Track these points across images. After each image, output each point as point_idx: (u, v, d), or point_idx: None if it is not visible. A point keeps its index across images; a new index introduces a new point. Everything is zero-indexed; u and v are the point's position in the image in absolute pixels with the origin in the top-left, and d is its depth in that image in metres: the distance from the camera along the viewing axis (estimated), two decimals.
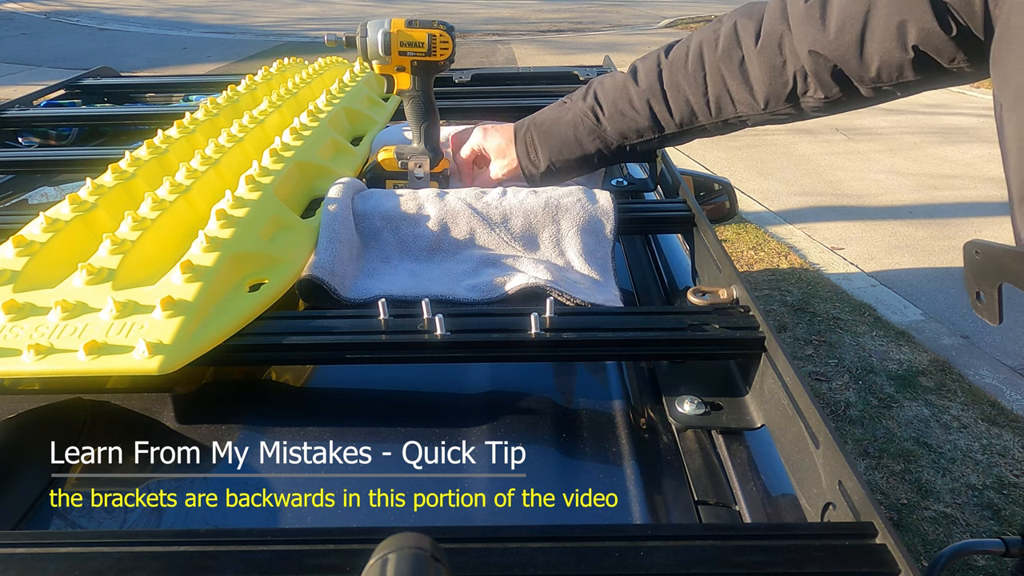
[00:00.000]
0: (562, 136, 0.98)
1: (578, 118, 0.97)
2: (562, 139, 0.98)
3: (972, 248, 0.63)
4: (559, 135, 0.99)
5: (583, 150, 0.98)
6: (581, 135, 0.98)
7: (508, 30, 10.21)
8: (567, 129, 0.98)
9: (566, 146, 0.99)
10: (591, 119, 0.97)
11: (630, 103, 0.94)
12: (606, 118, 0.96)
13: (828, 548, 0.47)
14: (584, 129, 0.97)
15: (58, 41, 9.52)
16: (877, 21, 0.77)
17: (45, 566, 0.45)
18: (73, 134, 1.62)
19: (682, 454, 0.68)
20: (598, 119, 0.96)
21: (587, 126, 0.97)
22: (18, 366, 0.61)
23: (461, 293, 0.83)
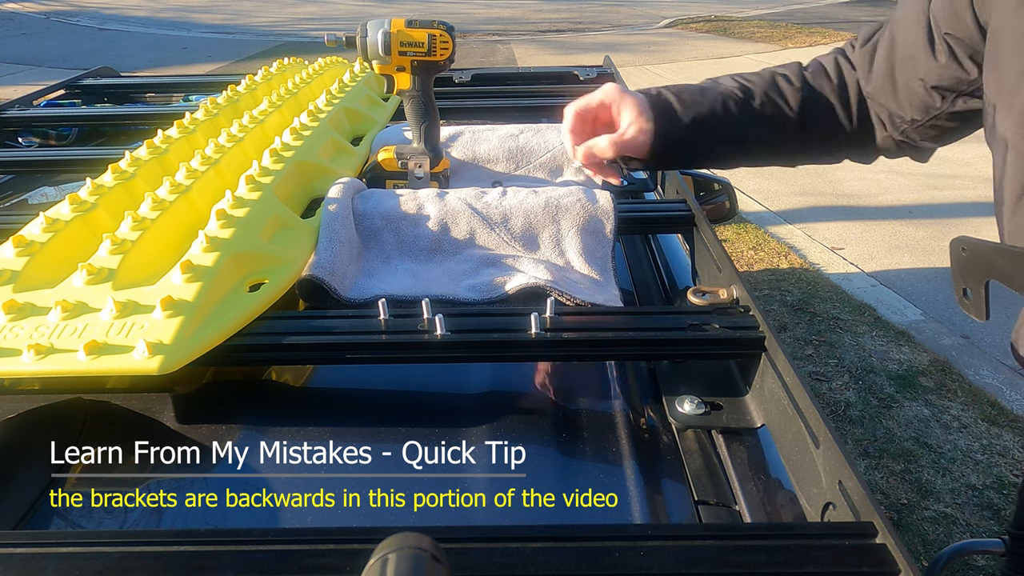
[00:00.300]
0: (708, 106, 0.85)
1: (726, 95, 0.86)
2: (708, 109, 0.85)
3: (959, 245, 0.64)
4: (704, 104, 0.85)
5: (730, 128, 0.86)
6: (730, 110, 0.85)
7: (508, 30, 10.21)
8: (713, 101, 0.85)
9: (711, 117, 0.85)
10: (739, 97, 0.86)
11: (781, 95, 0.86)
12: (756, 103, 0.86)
13: (828, 548, 0.47)
14: (733, 105, 0.86)
15: (58, 41, 9.52)
16: (900, 65, 0.78)
17: (45, 566, 0.45)
18: (73, 134, 1.62)
19: (682, 454, 0.68)
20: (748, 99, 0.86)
21: (737, 102, 0.86)
22: (18, 366, 0.61)
23: (461, 293, 0.83)
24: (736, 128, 0.85)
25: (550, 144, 1.18)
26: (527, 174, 1.18)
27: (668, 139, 0.85)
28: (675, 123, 0.84)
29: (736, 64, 8.06)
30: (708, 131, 0.85)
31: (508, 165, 1.18)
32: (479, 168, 1.18)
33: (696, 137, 0.85)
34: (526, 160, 1.18)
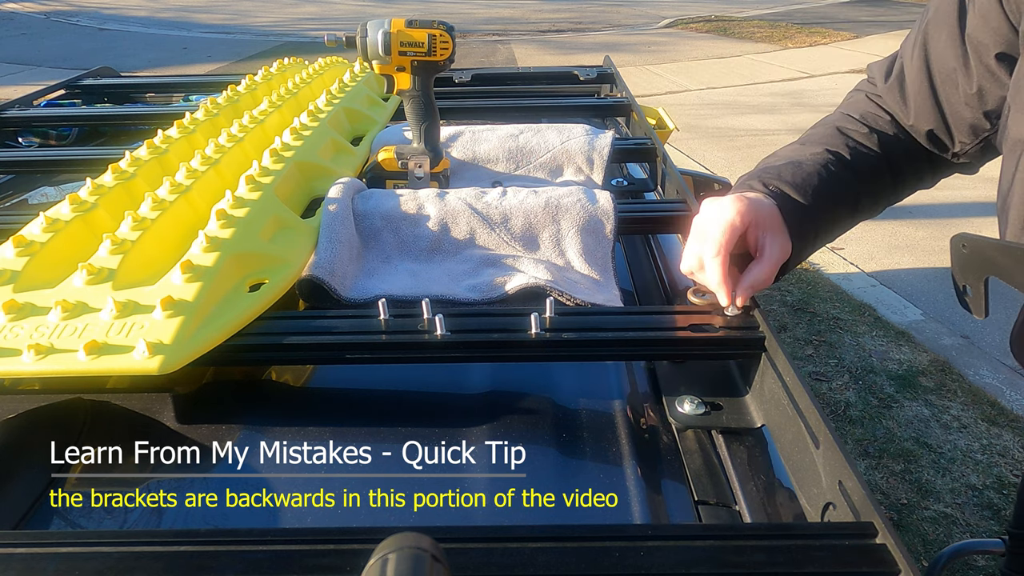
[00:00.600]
0: (819, 177, 0.78)
1: (824, 159, 0.80)
2: (819, 179, 0.78)
3: (959, 241, 0.63)
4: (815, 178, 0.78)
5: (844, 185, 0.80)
6: (835, 172, 0.79)
7: (508, 30, 10.21)
8: (819, 171, 0.79)
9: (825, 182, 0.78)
10: (834, 157, 0.81)
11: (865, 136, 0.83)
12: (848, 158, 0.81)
13: (828, 548, 0.47)
14: (834, 168, 0.80)
15: (58, 41, 9.52)
16: (943, 93, 0.75)
17: (45, 566, 0.45)
18: (73, 134, 1.62)
19: (682, 454, 0.68)
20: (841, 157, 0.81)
21: (836, 164, 0.80)
22: (18, 366, 0.61)
23: (461, 293, 0.83)
24: (848, 195, 0.79)
25: (550, 144, 1.18)
26: (527, 174, 1.18)
27: (802, 238, 0.76)
28: (804, 218, 0.75)
29: (736, 64, 8.06)
30: (831, 209, 0.78)
31: (508, 165, 1.18)
32: (479, 168, 1.18)
33: (823, 221, 0.78)
34: (526, 160, 1.18)
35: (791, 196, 0.75)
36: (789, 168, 0.78)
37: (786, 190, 0.76)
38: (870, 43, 8.88)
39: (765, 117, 6.10)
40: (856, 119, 0.84)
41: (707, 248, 0.71)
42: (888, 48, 0.92)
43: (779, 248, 0.73)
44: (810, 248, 0.79)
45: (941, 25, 0.74)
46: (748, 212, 0.71)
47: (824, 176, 0.77)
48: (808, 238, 0.77)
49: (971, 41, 0.70)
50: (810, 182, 0.76)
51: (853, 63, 7.91)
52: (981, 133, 0.75)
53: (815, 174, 0.77)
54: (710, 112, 6.24)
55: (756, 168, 0.82)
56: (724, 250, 0.70)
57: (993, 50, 0.68)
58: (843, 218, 0.81)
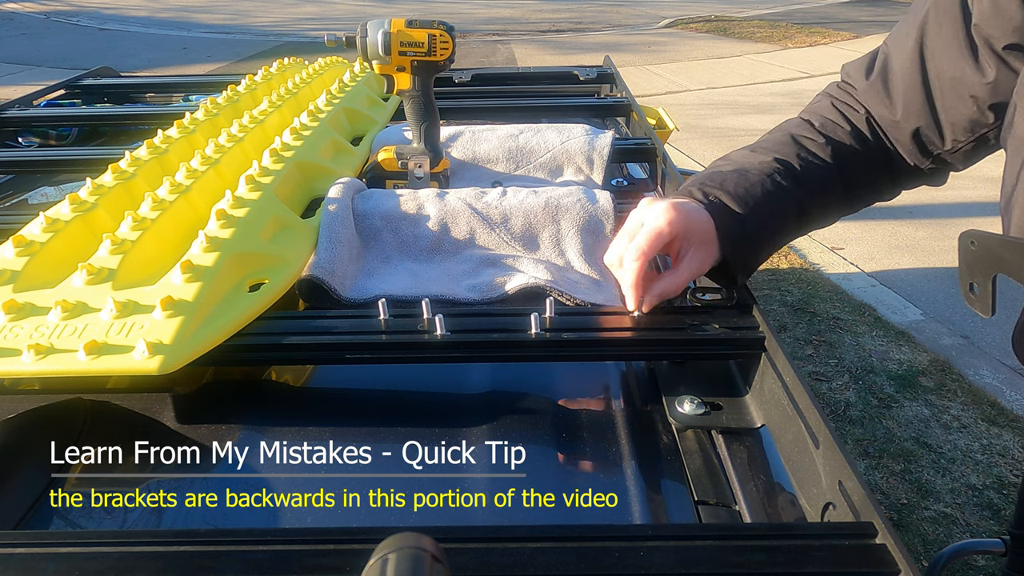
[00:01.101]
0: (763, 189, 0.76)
1: (770, 169, 0.78)
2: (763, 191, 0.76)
3: (967, 238, 0.63)
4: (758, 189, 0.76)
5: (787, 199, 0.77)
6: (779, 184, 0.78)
7: (508, 30, 10.21)
8: (763, 182, 0.77)
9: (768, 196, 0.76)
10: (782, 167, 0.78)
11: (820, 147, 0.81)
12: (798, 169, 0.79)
13: (828, 548, 0.47)
14: (781, 179, 0.78)
15: (58, 41, 9.52)
16: (939, 87, 0.73)
17: (45, 566, 0.45)
18: (73, 134, 1.62)
19: (682, 454, 0.68)
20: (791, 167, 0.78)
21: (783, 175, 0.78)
22: (18, 366, 0.61)
23: (461, 293, 0.83)
24: (792, 206, 0.77)
25: (550, 144, 1.18)
26: (527, 174, 1.18)
27: (737, 250, 0.75)
28: (739, 230, 0.74)
29: (736, 64, 8.06)
30: (769, 221, 0.76)
31: (508, 165, 1.18)
32: (479, 168, 1.18)
33: (761, 233, 0.76)
34: (526, 160, 1.18)
35: (729, 207, 0.74)
36: (733, 176, 0.77)
37: (725, 200, 0.75)
38: (870, 43, 8.88)
39: (765, 117, 6.10)
40: (814, 127, 0.81)
41: (630, 250, 0.72)
42: None
43: (698, 263, 0.73)
44: (754, 256, 0.78)
45: (942, 17, 0.72)
46: (678, 222, 0.71)
47: (768, 187, 0.76)
48: (747, 249, 0.76)
49: (979, 32, 0.69)
50: (752, 192, 0.75)
51: None
52: (979, 129, 0.74)
53: (759, 184, 0.76)
54: (710, 112, 6.25)
55: (703, 172, 0.80)
56: (644, 257, 0.71)
57: (1002, 41, 0.67)
58: (788, 229, 0.80)
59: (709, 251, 0.73)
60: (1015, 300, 0.68)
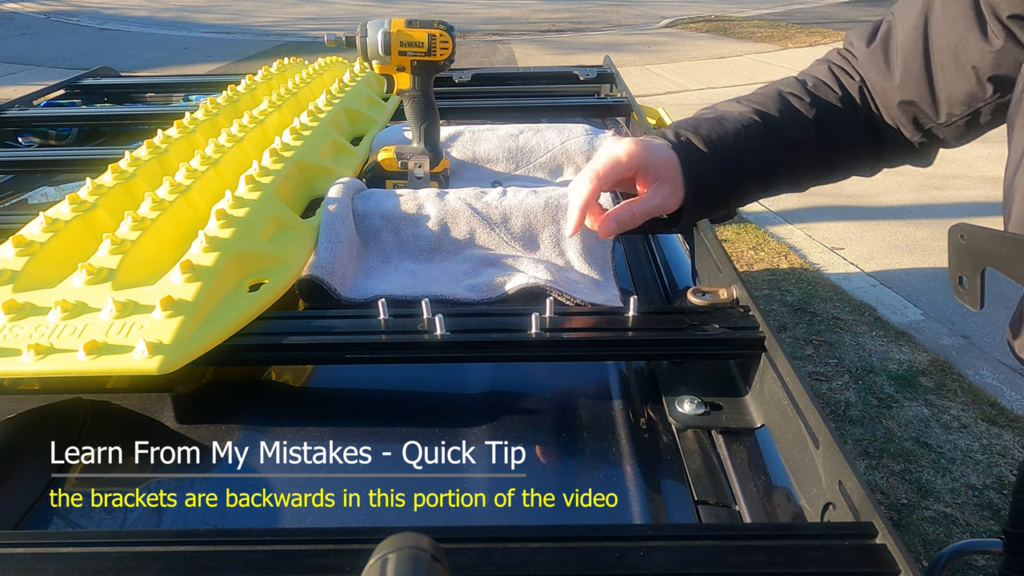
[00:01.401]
0: (735, 137, 0.76)
1: (747, 120, 0.77)
2: (735, 139, 0.76)
3: (957, 232, 0.62)
4: (730, 137, 0.76)
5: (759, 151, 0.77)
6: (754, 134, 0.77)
7: (508, 30, 10.21)
8: (737, 131, 0.76)
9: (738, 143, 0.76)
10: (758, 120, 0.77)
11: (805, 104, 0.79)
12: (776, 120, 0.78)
13: (828, 548, 0.47)
14: (756, 129, 0.77)
15: (58, 41, 9.52)
16: (940, 57, 0.72)
17: (45, 566, 0.45)
18: (73, 134, 1.62)
19: (682, 454, 0.68)
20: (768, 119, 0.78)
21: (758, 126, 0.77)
22: (18, 366, 0.61)
23: (461, 293, 0.83)
24: (762, 157, 0.77)
25: (550, 144, 1.18)
26: (527, 174, 1.18)
27: (698, 192, 0.74)
28: (704, 172, 0.74)
29: (736, 64, 8.06)
30: (735, 168, 0.76)
31: (508, 165, 1.18)
32: (479, 168, 1.18)
33: (725, 179, 0.76)
34: (526, 160, 1.18)
35: (697, 148, 0.74)
36: (708, 122, 0.76)
37: (694, 141, 0.74)
38: None
39: None
40: (805, 87, 0.80)
41: (583, 173, 0.72)
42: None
43: (660, 197, 0.73)
44: (713, 207, 0.78)
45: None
46: (638, 155, 0.72)
47: (742, 136, 0.75)
48: (708, 194, 0.75)
49: (985, 2, 0.68)
50: (724, 138, 0.74)
51: None
52: (976, 103, 0.72)
53: (732, 131, 0.75)
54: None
55: (685, 118, 0.80)
56: (597, 180, 0.71)
57: (1008, 10, 0.66)
58: (754, 183, 0.78)
59: (673, 189, 0.73)
60: (1012, 300, 0.68)
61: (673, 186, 0.73)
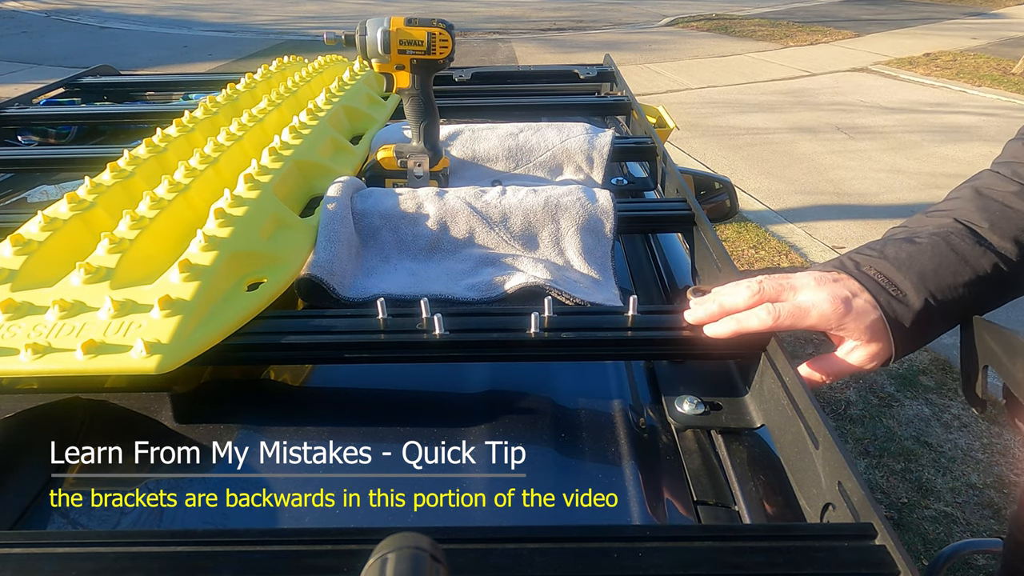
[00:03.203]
0: (933, 256, 0.64)
1: (944, 231, 0.66)
2: (937, 260, 0.64)
3: (967, 325, 0.60)
4: (927, 256, 0.65)
5: (972, 269, 0.64)
6: (962, 249, 0.65)
7: (509, 28, 10.20)
8: (936, 247, 0.65)
9: (945, 267, 0.64)
10: (963, 228, 0.67)
11: (1015, 196, 0.68)
12: (986, 227, 0.66)
13: (828, 549, 0.47)
14: (962, 241, 0.65)
15: (58, 39, 9.52)
16: None
17: (42, 566, 0.45)
18: (72, 132, 1.62)
19: (681, 454, 0.68)
20: (973, 228, 0.67)
21: (964, 237, 0.66)
22: (16, 365, 0.61)
23: (460, 292, 0.82)
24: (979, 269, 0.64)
25: (550, 143, 1.18)
26: (527, 173, 1.18)
27: (909, 308, 0.63)
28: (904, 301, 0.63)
29: (737, 63, 8.05)
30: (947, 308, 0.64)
31: (508, 164, 1.18)
32: (479, 167, 1.18)
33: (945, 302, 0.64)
34: (526, 159, 1.18)
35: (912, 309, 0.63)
36: (917, 256, 0.65)
37: (911, 299, 0.63)
38: (871, 41, 8.87)
39: (766, 116, 6.10)
40: (1004, 176, 0.68)
41: (761, 309, 0.64)
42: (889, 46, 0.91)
43: (863, 358, 0.66)
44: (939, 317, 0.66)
45: None
46: (833, 320, 0.64)
47: (942, 249, 0.64)
48: (922, 343, 0.66)
49: None
50: (953, 291, 0.63)
51: (854, 62, 7.90)
52: None
53: (928, 246, 0.64)
54: (711, 111, 6.24)
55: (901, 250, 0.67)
56: (774, 321, 0.64)
57: None
58: (989, 298, 0.66)
59: (880, 348, 0.64)
60: None
61: (880, 346, 0.64)
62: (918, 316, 0.63)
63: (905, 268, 0.64)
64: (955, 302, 0.64)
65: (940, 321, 0.65)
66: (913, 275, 0.64)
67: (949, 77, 7.38)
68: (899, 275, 0.64)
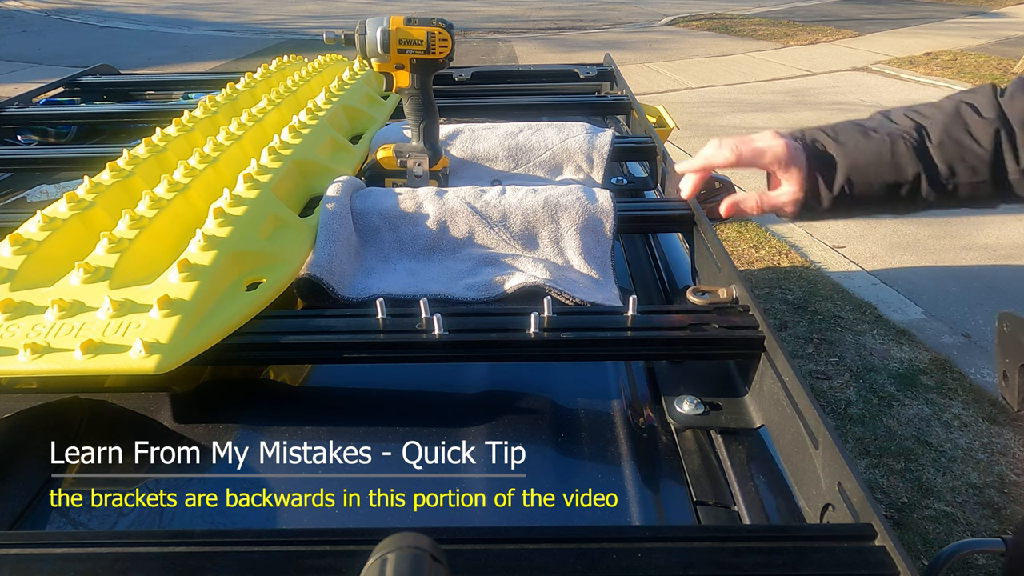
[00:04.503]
0: (873, 151, 0.75)
1: (896, 135, 0.76)
2: (872, 154, 0.75)
3: (1003, 321, 0.60)
4: (868, 149, 0.76)
5: (898, 174, 0.75)
6: (900, 154, 0.75)
7: (509, 28, 10.20)
8: (880, 144, 0.76)
9: (875, 165, 0.75)
10: (914, 138, 0.75)
11: (968, 131, 0.74)
12: (934, 144, 0.75)
13: (827, 550, 0.47)
14: (904, 148, 0.75)
15: (58, 39, 9.51)
16: None
17: (40, 567, 0.45)
18: (72, 132, 1.62)
19: (681, 454, 0.68)
20: (924, 140, 0.75)
21: (909, 145, 0.75)
22: (15, 365, 0.61)
23: (460, 292, 0.82)
24: (902, 177, 0.74)
25: (550, 142, 1.18)
26: (526, 172, 1.18)
27: (829, 191, 0.76)
28: (829, 183, 0.75)
29: (737, 62, 8.04)
30: (866, 184, 0.75)
31: (507, 163, 1.18)
32: (478, 166, 1.18)
33: (852, 194, 0.76)
34: (525, 158, 1.17)
35: (831, 162, 0.76)
36: (853, 131, 0.77)
37: (830, 151, 0.76)
38: (872, 41, 8.86)
39: (766, 115, 6.09)
40: (991, 100, 0.74)
41: (727, 141, 0.79)
42: (890, 46, 0.91)
43: (787, 198, 0.78)
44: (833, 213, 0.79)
45: None
46: (782, 155, 0.77)
47: (883, 152, 0.75)
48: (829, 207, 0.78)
49: None
50: (860, 154, 0.75)
51: (855, 61, 7.89)
52: None
53: (874, 146, 0.75)
54: (711, 110, 6.24)
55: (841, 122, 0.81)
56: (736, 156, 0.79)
57: None
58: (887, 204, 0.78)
59: (797, 195, 0.77)
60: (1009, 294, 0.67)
61: (801, 198, 0.77)
62: (835, 197, 0.77)
63: (843, 154, 0.76)
64: (868, 198, 0.77)
65: (851, 204, 0.78)
66: (847, 162, 0.76)
67: (950, 76, 7.37)
68: (837, 157, 0.76)
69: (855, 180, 0.75)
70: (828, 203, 0.77)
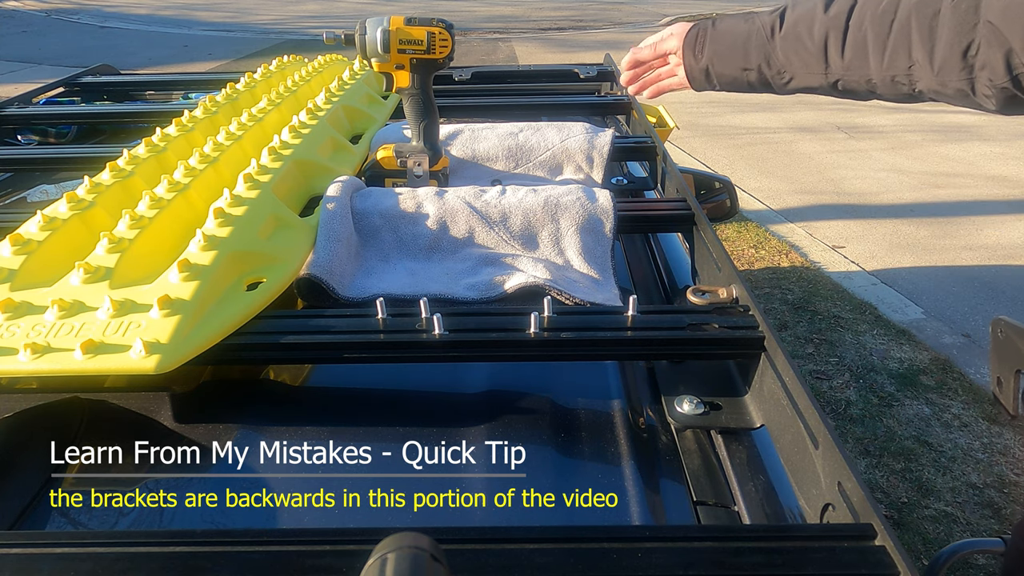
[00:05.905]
0: (732, 41, 0.89)
1: (755, 28, 0.87)
2: (731, 43, 0.89)
3: (997, 326, 0.60)
4: (729, 39, 0.89)
5: (744, 62, 0.88)
6: (750, 46, 0.87)
7: (509, 28, 10.20)
8: (740, 36, 0.88)
9: (730, 52, 0.89)
10: (766, 32, 0.86)
11: (808, 29, 0.82)
12: (780, 36, 0.85)
13: (827, 550, 0.47)
14: (756, 41, 0.87)
15: (59, 39, 9.51)
16: None
17: (40, 567, 0.45)
18: (72, 132, 1.62)
19: (681, 454, 0.68)
20: (772, 34, 0.86)
21: (760, 38, 0.86)
22: (15, 365, 0.61)
23: (460, 292, 0.82)
24: (748, 64, 0.86)
25: (550, 142, 1.18)
26: (527, 172, 1.18)
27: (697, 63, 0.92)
28: (698, 59, 0.91)
29: None
30: (722, 67, 0.89)
31: (507, 163, 1.18)
32: (478, 166, 1.18)
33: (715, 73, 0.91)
34: (525, 158, 1.17)
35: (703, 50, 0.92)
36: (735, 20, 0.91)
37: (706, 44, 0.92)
38: None
39: (766, 115, 6.09)
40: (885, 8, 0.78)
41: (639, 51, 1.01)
42: None
43: (677, 80, 0.99)
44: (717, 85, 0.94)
45: None
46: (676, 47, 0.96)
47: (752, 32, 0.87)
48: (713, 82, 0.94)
49: None
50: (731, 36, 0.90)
51: None
52: None
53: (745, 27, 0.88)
54: (711, 110, 6.23)
55: None
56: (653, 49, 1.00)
57: None
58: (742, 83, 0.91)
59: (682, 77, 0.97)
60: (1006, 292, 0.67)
61: (683, 76, 0.96)
62: (706, 77, 0.94)
63: (712, 39, 0.92)
64: (726, 78, 0.92)
65: (721, 83, 0.94)
66: (711, 49, 0.92)
67: None
68: (706, 43, 0.92)
69: (715, 63, 0.91)
70: (703, 81, 0.94)
